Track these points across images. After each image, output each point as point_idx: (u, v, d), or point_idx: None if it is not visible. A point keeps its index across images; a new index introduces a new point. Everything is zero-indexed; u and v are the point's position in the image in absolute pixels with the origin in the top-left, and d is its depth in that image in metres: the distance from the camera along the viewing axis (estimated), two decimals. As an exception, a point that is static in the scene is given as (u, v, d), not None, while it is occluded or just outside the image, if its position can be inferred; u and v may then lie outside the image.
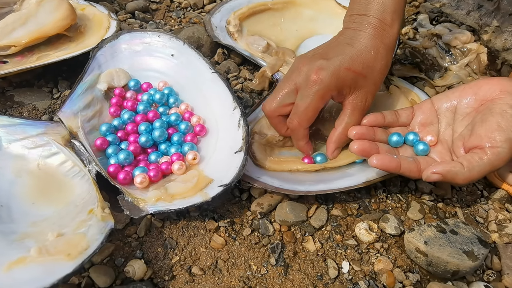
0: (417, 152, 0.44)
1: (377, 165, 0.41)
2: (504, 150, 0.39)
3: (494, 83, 0.42)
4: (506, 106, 0.40)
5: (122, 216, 0.41)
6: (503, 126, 0.39)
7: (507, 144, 0.39)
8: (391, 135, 0.45)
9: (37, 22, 0.54)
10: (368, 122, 0.45)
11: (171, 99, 0.50)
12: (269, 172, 0.45)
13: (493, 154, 0.39)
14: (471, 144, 0.41)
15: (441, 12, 0.76)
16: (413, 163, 0.42)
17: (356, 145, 0.42)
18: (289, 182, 0.44)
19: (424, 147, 0.44)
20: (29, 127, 0.44)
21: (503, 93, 0.41)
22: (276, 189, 0.43)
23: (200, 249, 0.40)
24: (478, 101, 0.43)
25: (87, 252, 0.33)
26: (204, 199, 0.39)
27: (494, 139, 0.39)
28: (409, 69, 0.66)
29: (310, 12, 0.68)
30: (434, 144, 0.45)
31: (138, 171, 0.42)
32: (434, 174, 0.40)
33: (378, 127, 0.46)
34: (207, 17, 0.63)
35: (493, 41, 0.66)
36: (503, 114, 0.40)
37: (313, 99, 0.42)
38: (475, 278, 0.41)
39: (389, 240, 0.43)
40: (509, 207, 0.47)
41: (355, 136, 0.44)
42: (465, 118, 0.44)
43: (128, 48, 0.53)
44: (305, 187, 0.43)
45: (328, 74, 0.41)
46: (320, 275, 0.39)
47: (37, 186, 0.41)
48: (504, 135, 0.39)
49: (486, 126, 0.40)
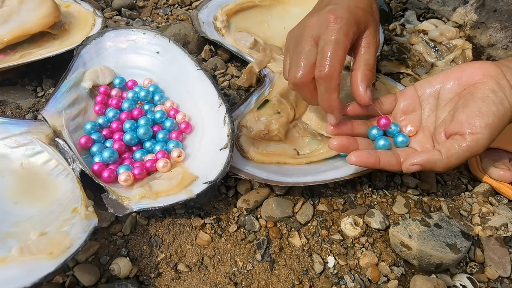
0: (396, 144, 0.44)
1: (356, 162, 0.40)
2: (483, 136, 0.38)
3: (477, 66, 0.42)
4: (488, 90, 0.39)
5: (107, 214, 0.41)
6: (483, 112, 0.38)
7: (487, 130, 0.38)
8: (370, 128, 0.45)
9: (19, 20, 0.53)
10: (350, 111, 0.45)
11: (156, 96, 0.50)
12: (256, 164, 0.45)
13: (472, 140, 0.39)
14: (451, 130, 0.40)
15: (428, 8, 0.77)
16: (392, 157, 0.41)
17: (335, 141, 0.42)
18: (277, 174, 0.44)
19: (403, 139, 0.44)
20: (12, 126, 0.44)
21: (485, 77, 0.40)
22: (264, 180, 0.43)
23: (186, 246, 0.40)
24: (461, 85, 0.42)
25: (69, 251, 0.33)
26: (188, 196, 0.39)
27: (474, 125, 0.38)
28: (396, 65, 0.66)
29: (297, 10, 0.68)
30: (414, 134, 0.44)
31: (122, 169, 0.42)
32: (413, 165, 0.39)
33: (357, 120, 0.45)
34: (194, 12, 0.63)
35: (479, 37, 0.67)
36: (485, 99, 0.39)
37: (339, 37, 0.39)
38: (459, 271, 0.41)
39: (375, 235, 0.43)
40: (492, 200, 0.48)
41: (333, 132, 0.44)
42: (448, 104, 0.43)
43: (113, 46, 0.53)
44: (293, 179, 0.43)
45: (345, 11, 0.40)
46: (306, 270, 0.40)
47: (20, 185, 0.41)
48: (484, 121, 0.38)
49: (467, 111, 0.39)
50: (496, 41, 0.65)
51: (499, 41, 0.64)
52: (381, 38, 0.63)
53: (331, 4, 0.43)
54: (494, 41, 0.65)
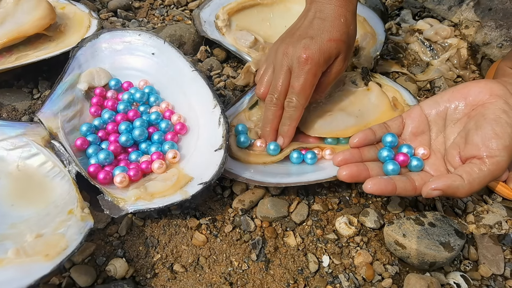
0: (411, 169, 0.43)
1: (373, 190, 0.39)
2: (502, 159, 0.37)
3: (482, 86, 0.41)
4: (499, 111, 0.39)
5: (103, 216, 0.41)
6: (499, 133, 0.38)
7: (505, 152, 0.38)
8: (380, 150, 0.43)
9: (15, 22, 0.53)
10: (358, 141, 0.44)
11: (151, 97, 0.50)
12: (242, 164, 0.46)
13: (492, 164, 0.38)
14: (468, 154, 0.39)
15: (423, 7, 0.77)
16: (408, 182, 0.40)
17: (344, 172, 0.41)
18: (260, 174, 0.45)
19: (418, 163, 0.42)
20: (8, 128, 0.44)
21: (493, 97, 0.40)
22: (247, 180, 0.44)
23: (182, 246, 0.41)
24: (469, 105, 0.42)
25: (65, 252, 0.33)
26: (183, 198, 0.39)
27: (492, 148, 0.38)
28: (391, 64, 0.66)
29: (299, 8, 0.68)
30: (427, 157, 0.43)
31: (118, 171, 0.42)
32: (435, 190, 0.38)
33: (365, 147, 0.44)
34: (196, 12, 0.63)
35: (474, 36, 0.67)
36: (497, 120, 0.38)
37: (308, 78, 0.45)
38: (453, 269, 0.42)
39: (369, 234, 0.44)
40: (487, 198, 0.49)
41: (340, 163, 0.42)
42: (457, 124, 0.42)
43: (108, 47, 0.53)
44: (276, 179, 0.44)
45: (316, 51, 0.44)
46: (301, 269, 0.40)
47: (17, 187, 0.41)
48: (501, 142, 0.38)
49: (482, 133, 0.39)
50: (491, 40, 0.65)
51: (494, 39, 0.65)
52: (382, 38, 0.64)
53: (307, 38, 0.45)
54: (489, 39, 0.65)
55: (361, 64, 0.60)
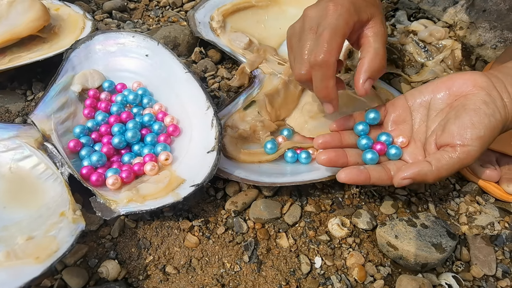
0: (389, 157, 0.43)
1: (346, 179, 0.40)
2: (474, 149, 0.38)
3: (467, 77, 0.42)
4: (480, 102, 0.39)
5: (95, 218, 0.41)
6: (475, 123, 0.38)
7: (478, 142, 0.38)
8: (359, 138, 0.44)
9: (8, 23, 0.53)
10: (337, 126, 0.44)
11: (145, 99, 0.50)
12: (237, 164, 0.46)
13: (463, 152, 0.38)
14: (442, 141, 0.40)
15: (419, 8, 0.77)
16: (383, 171, 0.41)
17: (322, 156, 0.41)
18: (255, 174, 0.45)
19: (396, 152, 0.43)
20: (1, 130, 0.44)
21: (476, 89, 0.40)
22: (242, 179, 0.44)
23: (174, 248, 0.41)
24: (452, 96, 0.42)
25: (56, 255, 0.33)
26: (175, 200, 0.39)
27: (465, 137, 0.38)
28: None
29: (294, 10, 0.68)
30: (405, 145, 0.44)
31: (110, 173, 0.42)
32: (404, 179, 0.39)
33: (346, 130, 0.45)
34: (191, 13, 0.63)
35: (468, 37, 0.67)
36: (477, 110, 0.39)
37: (338, 23, 0.38)
38: (445, 269, 0.42)
39: (362, 235, 0.44)
40: (479, 199, 0.49)
41: (320, 146, 0.43)
42: (439, 114, 0.43)
43: (102, 49, 0.53)
44: (271, 179, 0.44)
45: (345, 1, 0.39)
46: (293, 271, 0.40)
47: (9, 189, 0.41)
48: (475, 132, 0.38)
49: (459, 123, 0.39)
50: (485, 41, 0.65)
51: (488, 41, 0.65)
52: None
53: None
54: (483, 41, 0.65)
55: (355, 66, 0.60)
